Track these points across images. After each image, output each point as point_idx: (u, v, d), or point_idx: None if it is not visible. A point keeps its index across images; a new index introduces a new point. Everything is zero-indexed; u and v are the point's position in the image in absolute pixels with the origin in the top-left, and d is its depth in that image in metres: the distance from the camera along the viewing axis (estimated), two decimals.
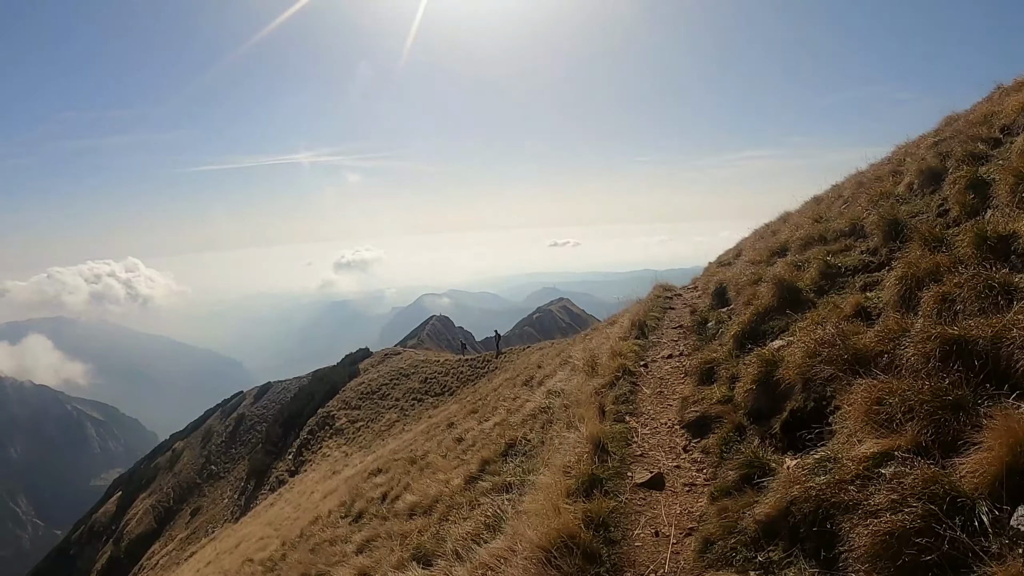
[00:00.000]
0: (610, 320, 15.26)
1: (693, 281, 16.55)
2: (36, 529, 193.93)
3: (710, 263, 17.36)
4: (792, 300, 6.35)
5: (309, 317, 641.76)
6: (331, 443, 38.28)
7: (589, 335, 15.50)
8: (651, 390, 7.29)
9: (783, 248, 9.26)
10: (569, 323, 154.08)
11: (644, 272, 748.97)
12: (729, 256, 14.33)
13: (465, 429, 11.31)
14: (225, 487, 50.28)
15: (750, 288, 7.81)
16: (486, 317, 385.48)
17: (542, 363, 16.22)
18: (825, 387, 4.23)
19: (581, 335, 17.03)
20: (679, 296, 13.80)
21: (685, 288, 16.02)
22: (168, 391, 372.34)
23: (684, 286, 17.63)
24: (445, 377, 39.22)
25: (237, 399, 70.24)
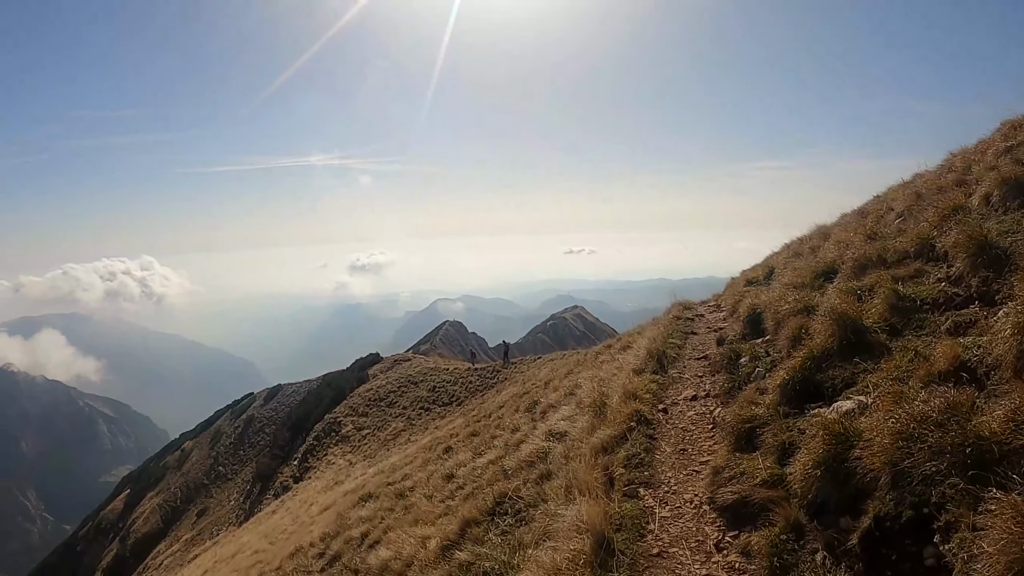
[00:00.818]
0: (623, 343, 13.92)
1: (715, 298, 15.35)
2: (45, 523, 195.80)
3: (733, 279, 16.21)
4: (856, 342, 5.05)
5: (323, 319, 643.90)
6: (336, 450, 37.43)
7: (601, 355, 14.16)
8: (672, 446, 6.02)
9: (830, 269, 7.98)
10: (583, 331, 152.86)
11: (659, 281, 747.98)
12: (758, 273, 12.94)
13: (458, 463, 10.16)
14: (232, 489, 49.71)
15: (795, 320, 6.49)
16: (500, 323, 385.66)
17: (551, 379, 15.06)
18: (929, 489, 2.93)
19: (593, 352, 15.81)
20: (700, 317, 12.60)
21: (706, 305, 14.83)
22: (180, 389, 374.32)
23: (704, 302, 16.38)
24: (454, 387, 38.25)
25: (247, 400, 69.78)
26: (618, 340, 14.84)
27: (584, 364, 14.48)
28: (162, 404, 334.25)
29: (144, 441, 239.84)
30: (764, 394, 5.70)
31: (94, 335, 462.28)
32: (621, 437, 6.24)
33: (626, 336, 15.16)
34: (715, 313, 12.92)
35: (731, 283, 16.17)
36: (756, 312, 8.55)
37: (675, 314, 12.56)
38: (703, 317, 12.58)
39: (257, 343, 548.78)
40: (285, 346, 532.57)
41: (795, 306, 7.04)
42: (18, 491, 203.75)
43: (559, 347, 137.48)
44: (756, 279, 12.62)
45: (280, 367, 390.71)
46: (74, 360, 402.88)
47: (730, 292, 13.64)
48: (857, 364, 4.88)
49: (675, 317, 12.15)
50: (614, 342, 14.88)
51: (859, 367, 4.84)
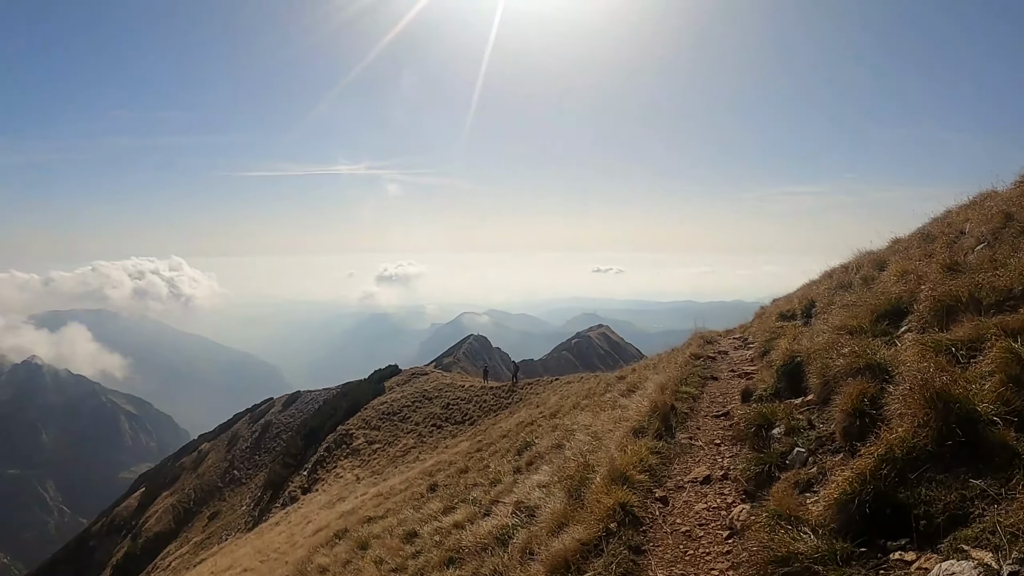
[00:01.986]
0: (629, 383, 12.16)
1: (741, 329, 14.16)
2: (62, 515, 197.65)
3: (763, 309, 14.91)
4: (966, 439, 3.22)
5: (349, 328, 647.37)
6: (346, 463, 36.88)
7: (611, 388, 12.92)
8: (666, 569, 4.34)
9: (897, 309, 6.19)
10: (607, 350, 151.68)
11: (686, 304, 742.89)
12: (794, 306, 11.11)
13: (427, 515, 9.01)
14: (245, 494, 49.55)
15: (856, 384, 4.64)
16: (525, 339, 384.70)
17: (557, 410, 14.14)
18: None
19: (604, 384, 14.80)
20: (723, 355, 11.15)
21: (731, 337, 13.67)
22: (203, 391, 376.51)
23: (729, 332, 15.18)
24: (467, 405, 37.50)
25: (266, 405, 69.90)
26: (632, 370, 13.80)
27: (593, 397, 13.30)
28: (185, 404, 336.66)
29: (165, 440, 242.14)
30: (809, 501, 3.95)
31: (120, 332, 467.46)
32: (594, 546, 4.59)
33: (636, 372, 13.89)
34: (741, 350, 11.42)
35: (760, 314, 14.74)
36: (794, 361, 6.69)
37: (694, 350, 11.06)
38: (726, 355, 11.08)
39: (283, 348, 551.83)
40: (310, 353, 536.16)
41: (853, 361, 5.03)
42: (37, 482, 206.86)
43: (583, 365, 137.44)
44: (792, 313, 10.79)
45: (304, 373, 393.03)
46: (99, 355, 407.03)
47: (760, 326, 12.18)
48: (969, 481, 3.04)
49: (693, 355, 10.65)
50: (628, 372, 13.90)
51: (973, 488, 3.00)
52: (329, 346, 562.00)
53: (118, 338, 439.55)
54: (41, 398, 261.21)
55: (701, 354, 10.92)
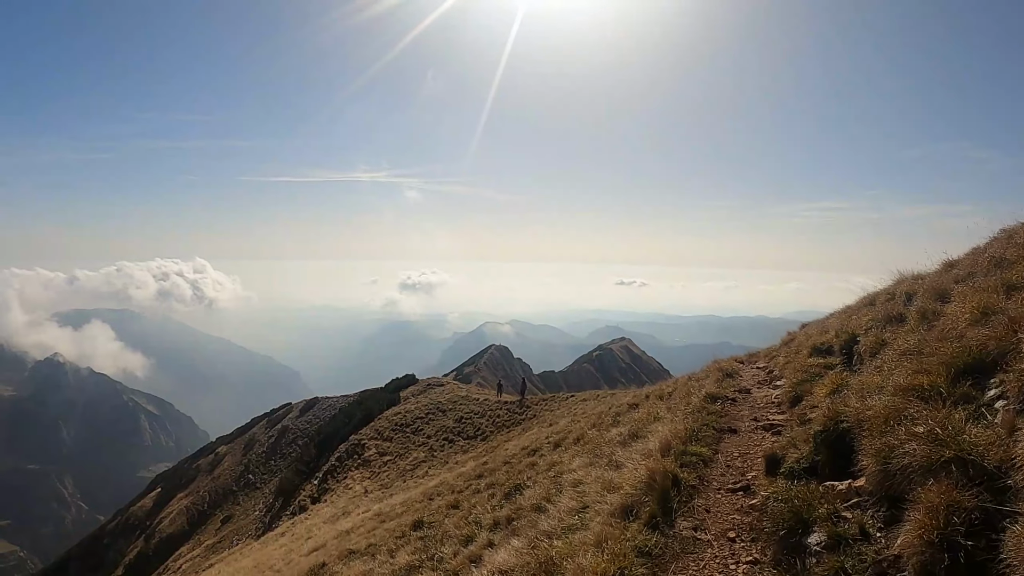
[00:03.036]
0: (636, 421, 10.43)
1: (766, 357, 12.90)
2: (79, 511, 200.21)
3: (792, 336, 13.56)
4: None
5: (370, 334, 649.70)
6: (356, 474, 36.25)
7: (621, 419, 12.09)
8: None
9: (980, 363, 4.53)
10: (628, 364, 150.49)
11: (708, 318, 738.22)
12: (829, 339, 9.45)
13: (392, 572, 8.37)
14: (258, 498, 49.32)
15: (938, 489, 3.26)
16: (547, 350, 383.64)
17: (563, 439, 13.05)
18: None
19: (613, 413, 13.64)
20: (745, 395, 9.76)
21: (753, 368, 12.50)
22: (224, 393, 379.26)
23: (751, 359, 14.16)
24: (480, 419, 36.72)
25: (283, 410, 69.88)
26: (645, 396, 12.82)
27: (600, 428, 12.41)
28: (205, 406, 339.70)
29: (184, 440, 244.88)
30: None
31: (143, 332, 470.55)
32: None
33: (648, 400, 12.86)
34: (765, 387, 10.08)
35: (788, 341, 13.36)
36: (839, 427, 5.16)
37: (710, 388, 9.66)
38: (748, 395, 9.73)
39: (304, 353, 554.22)
40: (332, 358, 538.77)
41: (933, 451, 3.56)
42: (56, 478, 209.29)
43: (604, 378, 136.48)
44: (827, 347, 9.19)
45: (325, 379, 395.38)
46: (121, 354, 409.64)
47: (788, 358, 10.96)
48: None
49: (709, 396, 9.22)
50: (642, 397, 12.95)
51: None
52: (350, 352, 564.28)
53: (141, 338, 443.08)
54: (62, 395, 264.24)
55: (719, 394, 9.45)
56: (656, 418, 9.38)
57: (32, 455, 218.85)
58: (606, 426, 11.61)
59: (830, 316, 12.73)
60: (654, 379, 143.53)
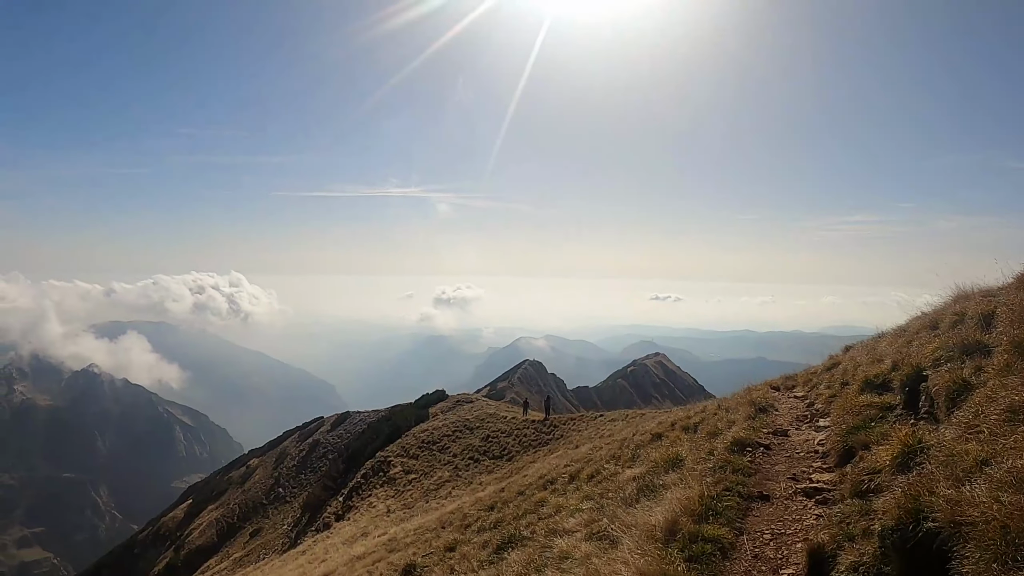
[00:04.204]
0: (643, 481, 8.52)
1: (806, 384, 11.59)
2: (113, 520, 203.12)
3: (835, 360, 11.99)
4: None
5: (405, 349, 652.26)
6: (380, 492, 35.81)
7: (637, 457, 11.09)
8: None
9: None
10: (663, 379, 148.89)
11: (744, 333, 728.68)
12: (886, 371, 7.80)
13: None
14: (287, 512, 49.32)
15: None
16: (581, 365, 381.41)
17: (579, 472, 12.19)
18: None
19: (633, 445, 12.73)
20: (781, 437, 8.15)
21: (790, 394, 11.36)
22: (259, 406, 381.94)
23: (788, 383, 12.96)
24: (507, 438, 36.01)
25: (315, 424, 70.09)
26: (670, 425, 11.89)
27: (620, 460, 11.44)
28: (240, 418, 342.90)
29: (218, 452, 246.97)
30: None
31: (179, 344, 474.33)
32: None
33: (673, 432, 11.67)
34: (806, 429, 8.51)
35: (831, 365, 11.87)
36: (923, 527, 3.52)
37: (739, 431, 8.10)
38: (785, 438, 8.12)
39: (340, 367, 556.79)
40: (367, 372, 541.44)
41: None
42: (91, 487, 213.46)
43: (638, 394, 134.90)
44: (883, 382, 7.49)
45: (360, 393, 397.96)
46: (156, 365, 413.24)
47: (834, 394, 9.24)
48: None
49: (735, 444, 7.58)
50: (667, 426, 12.08)
51: None
52: (385, 366, 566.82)
53: (177, 350, 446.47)
54: (98, 405, 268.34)
55: (748, 440, 7.68)
56: (675, 462, 8.18)
57: (68, 464, 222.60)
58: (624, 460, 10.64)
59: (879, 338, 11.01)
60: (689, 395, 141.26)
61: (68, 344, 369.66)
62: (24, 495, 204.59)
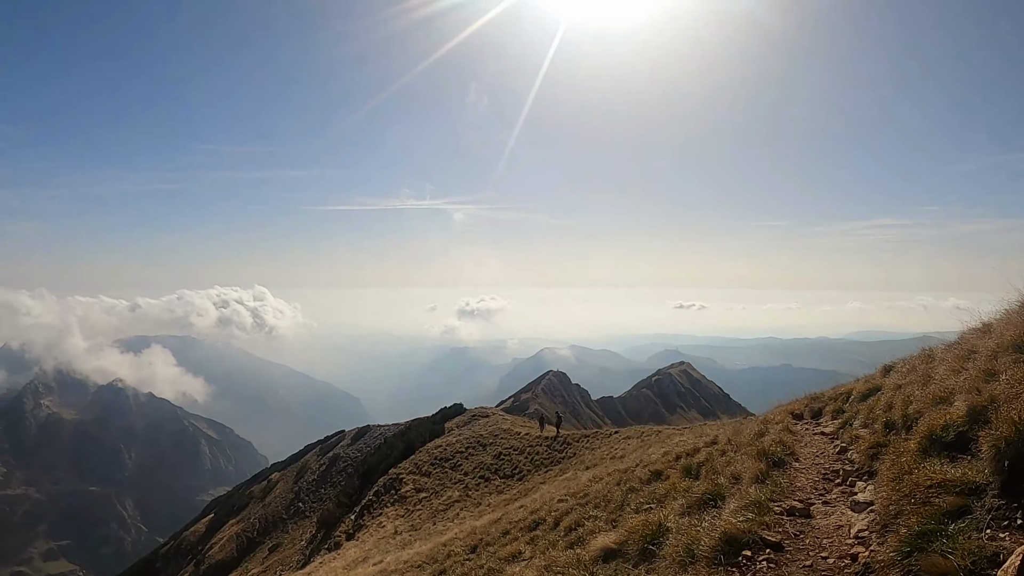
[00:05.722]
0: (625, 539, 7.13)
1: (836, 411, 9.86)
2: (139, 534, 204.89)
3: (874, 383, 9.83)
4: None
5: (429, 361, 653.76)
6: (391, 511, 35.12)
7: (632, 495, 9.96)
8: None
9: None
10: (688, 388, 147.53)
11: (769, 340, 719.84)
12: (959, 418, 5.43)
13: None
14: (306, 528, 49.01)
15: None
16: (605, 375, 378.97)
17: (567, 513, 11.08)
18: None
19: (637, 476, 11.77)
20: (803, 520, 5.88)
21: (817, 427, 9.75)
22: (284, 419, 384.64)
23: (813, 404, 11.24)
24: (519, 456, 35.10)
25: (336, 438, 69.94)
26: (675, 458, 10.97)
27: (608, 507, 10.12)
28: (266, 431, 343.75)
29: (244, 466, 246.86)
30: None
31: (204, 359, 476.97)
32: None
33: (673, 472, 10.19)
34: (838, 505, 6.06)
35: (868, 394, 9.61)
36: None
37: (734, 525, 5.49)
38: (807, 525, 5.68)
39: (365, 380, 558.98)
40: (391, 385, 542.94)
41: None
42: (117, 500, 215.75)
43: (663, 403, 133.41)
44: (956, 436, 5.19)
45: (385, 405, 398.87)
46: (181, 380, 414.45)
47: (878, 444, 6.78)
48: None
49: (729, 544, 5.31)
50: (671, 459, 11.27)
51: None
52: (410, 379, 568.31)
53: (201, 364, 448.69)
54: (124, 419, 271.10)
55: (747, 540, 5.33)
56: (656, 535, 6.57)
57: (94, 477, 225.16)
58: (613, 507, 9.46)
59: (930, 358, 8.67)
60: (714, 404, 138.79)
61: (92, 359, 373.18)
62: (50, 508, 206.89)
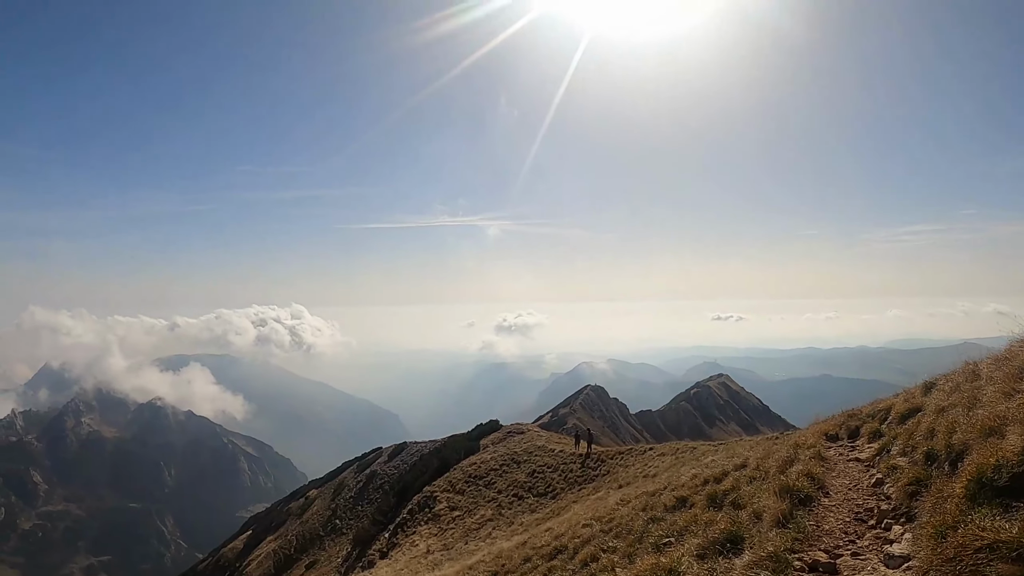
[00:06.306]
0: None
1: (872, 430, 8.96)
2: (178, 550, 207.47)
3: (913, 400, 8.93)
4: None
5: (468, 377, 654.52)
6: (424, 530, 34.84)
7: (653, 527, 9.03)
8: None
9: None
10: (727, 401, 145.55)
11: (808, 350, 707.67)
12: (1012, 454, 4.56)
13: None
14: (343, 545, 49.01)
15: None
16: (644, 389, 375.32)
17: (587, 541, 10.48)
18: None
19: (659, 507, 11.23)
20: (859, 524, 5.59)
21: (853, 440, 9.07)
22: (323, 436, 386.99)
23: (850, 419, 10.49)
24: (553, 474, 34.56)
25: (374, 455, 69.99)
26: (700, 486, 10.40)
27: (628, 537, 9.63)
28: (305, 449, 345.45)
29: (283, 483, 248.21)
30: None
31: (243, 377, 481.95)
32: None
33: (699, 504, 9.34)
34: (871, 555, 5.17)
35: (907, 415, 8.62)
36: None
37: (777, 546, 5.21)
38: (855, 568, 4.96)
39: (403, 397, 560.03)
40: (430, 402, 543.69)
41: None
42: (157, 516, 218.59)
43: (702, 416, 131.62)
44: (1010, 479, 4.31)
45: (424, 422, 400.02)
46: (220, 397, 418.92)
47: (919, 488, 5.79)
48: None
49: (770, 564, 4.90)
50: (699, 483, 10.67)
51: None
52: (448, 395, 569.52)
53: (240, 382, 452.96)
54: (163, 437, 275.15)
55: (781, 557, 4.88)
56: None
57: (134, 494, 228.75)
58: (631, 541, 8.74)
59: (975, 375, 7.75)
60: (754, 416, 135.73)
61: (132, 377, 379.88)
62: (91, 525, 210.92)
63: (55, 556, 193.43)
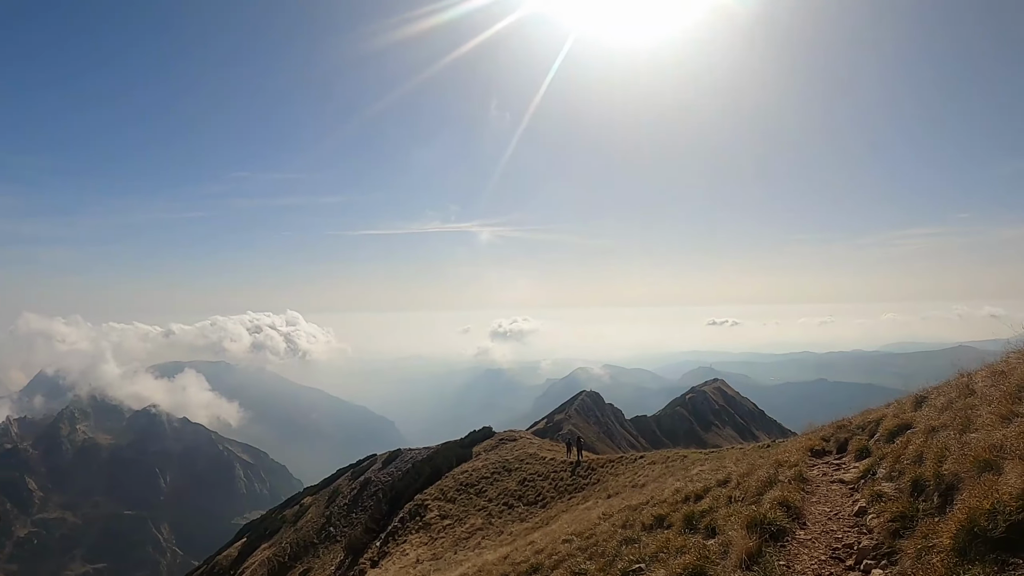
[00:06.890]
0: None
1: (859, 446, 8.62)
2: (174, 557, 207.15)
3: (903, 417, 8.35)
4: None
5: (464, 383, 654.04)
6: (415, 538, 34.82)
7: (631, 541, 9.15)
8: None
9: None
10: (722, 405, 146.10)
11: (803, 355, 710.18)
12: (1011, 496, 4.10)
13: None
14: (337, 553, 49.03)
15: None
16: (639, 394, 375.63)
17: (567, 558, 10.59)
18: None
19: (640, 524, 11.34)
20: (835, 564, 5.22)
21: (841, 456, 8.79)
22: (319, 443, 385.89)
23: (839, 430, 10.24)
24: (543, 482, 34.55)
25: (368, 462, 69.88)
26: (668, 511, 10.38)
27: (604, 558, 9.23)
28: (300, 455, 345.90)
29: (278, 489, 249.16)
30: None
31: (238, 384, 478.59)
32: None
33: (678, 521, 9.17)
34: None
35: (897, 432, 8.14)
36: None
37: None
38: None
39: (399, 403, 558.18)
40: (427, 408, 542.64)
41: None
42: (153, 524, 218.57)
43: (697, 421, 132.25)
44: (1007, 530, 3.85)
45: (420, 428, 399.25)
46: (215, 404, 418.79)
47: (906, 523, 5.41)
48: None
49: None
50: (679, 500, 10.77)
51: None
52: (444, 401, 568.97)
53: (235, 389, 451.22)
54: (159, 444, 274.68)
55: None
56: None
57: (130, 501, 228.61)
58: (603, 564, 8.12)
59: (969, 390, 7.25)
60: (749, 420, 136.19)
61: (127, 384, 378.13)
62: (87, 532, 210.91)
63: (50, 564, 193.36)
